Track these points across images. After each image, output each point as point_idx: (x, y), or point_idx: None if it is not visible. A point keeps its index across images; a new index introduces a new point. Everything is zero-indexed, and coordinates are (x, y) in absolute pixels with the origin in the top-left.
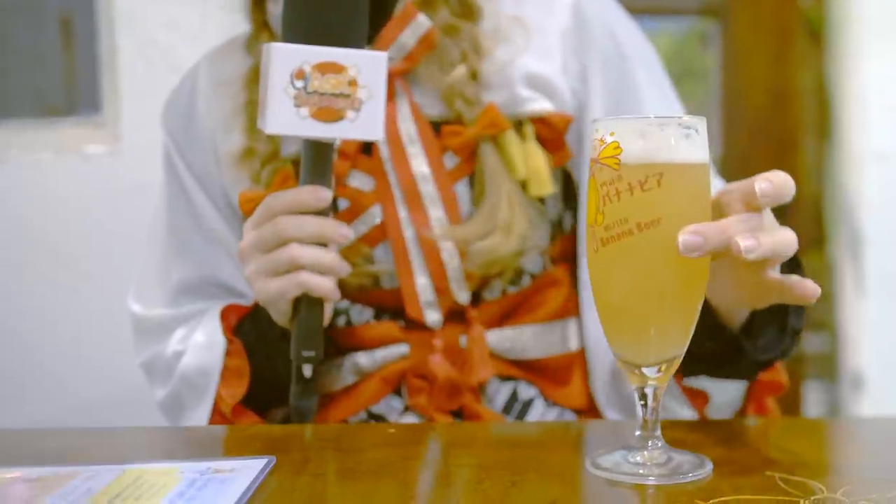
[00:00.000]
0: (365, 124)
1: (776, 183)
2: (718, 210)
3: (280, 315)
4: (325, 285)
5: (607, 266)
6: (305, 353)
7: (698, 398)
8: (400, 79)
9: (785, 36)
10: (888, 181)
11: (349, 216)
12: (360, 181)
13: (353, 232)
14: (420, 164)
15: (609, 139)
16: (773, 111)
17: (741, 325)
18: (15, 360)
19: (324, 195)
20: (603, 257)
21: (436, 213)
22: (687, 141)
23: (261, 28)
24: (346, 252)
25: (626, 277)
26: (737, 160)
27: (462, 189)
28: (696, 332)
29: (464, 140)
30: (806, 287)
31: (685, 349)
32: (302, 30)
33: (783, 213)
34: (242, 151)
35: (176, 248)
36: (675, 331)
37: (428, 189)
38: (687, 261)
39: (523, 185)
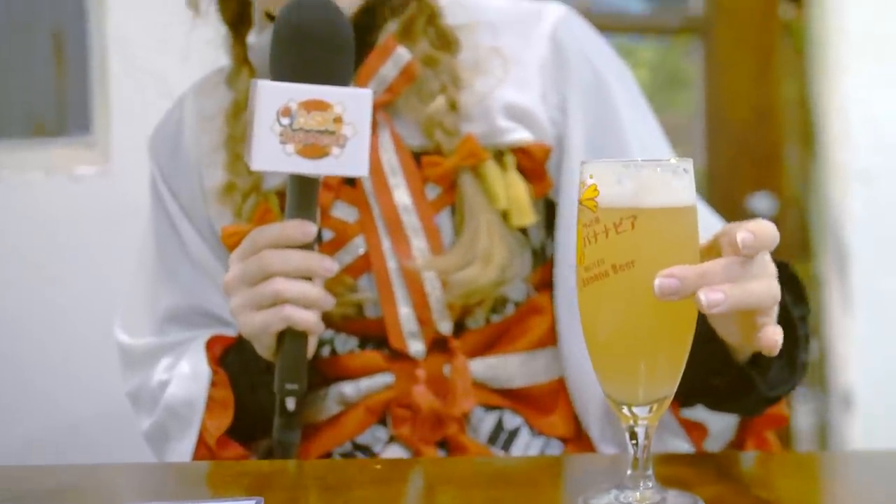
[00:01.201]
0: (350, 160)
1: (759, 234)
2: (716, 251)
3: (264, 348)
4: (309, 319)
5: (591, 305)
6: (289, 386)
7: (696, 431)
8: (381, 111)
9: (767, 50)
10: (872, 196)
11: (333, 247)
12: (343, 212)
13: (337, 265)
14: (402, 195)
15: (589, 181)
16: (757, 125)
17: (748, 359)
18: (4, 379)
19: (309, 230)
20: (586, 296)
21: (418, 243)
22: (667, 184)
23: (241, 63)
24: (330, 283)
25: (608, 317)
26: (721, 173)
27: (444, 220)
28: (703, 366)
29: (443, 170)
30: (767, 338)
31: (675, 388)
32: (289, 67)
33: None
34: (224, 186)
35: (163, 276)
36: (663, 370)
37: (410, 220)
38: (658, 303)
39: (504, 215)
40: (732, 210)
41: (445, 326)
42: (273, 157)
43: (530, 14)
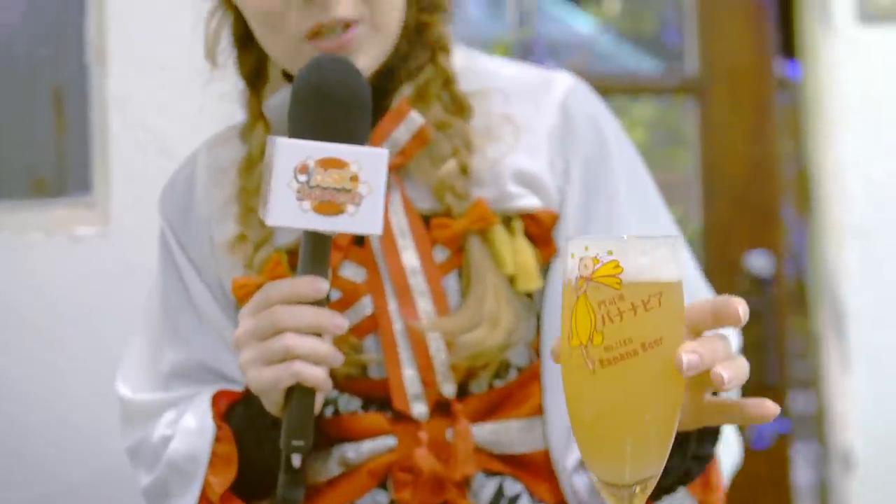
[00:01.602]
0: (365, 219)
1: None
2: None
3: (272, 404)
4: (318, 375)
5: (606, 387)
6: (295, 443)
7: None
8: (392, 173)
9: (763, 108)
10: (868, 253)
11: (341, 307)
12: (352, 272)
13: (347, 322)
14: (410, 257)
15: (606, 258)
16: (753, 182)
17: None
18: (1, 441)
19: (321, 286)
20: (602, 379)
21: (424, 305)
22: (675, 259)
23: (256, 118)
24: (336, 342)
25: (625, 398)
26: (718, 231)
27: (451, 282)
28: None
29: (452, 233)
30: (766, 407)
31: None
32: (307, 124)
33: (767, 288)
34: (235, 237)
35: (169, 331)
36: (657, 449)
37: (417, 282)
38: (676, 380)
39: (511, 280)
40: (730, 268)
41: (449, 389)
42: (289, 212)
43: (541, 82)
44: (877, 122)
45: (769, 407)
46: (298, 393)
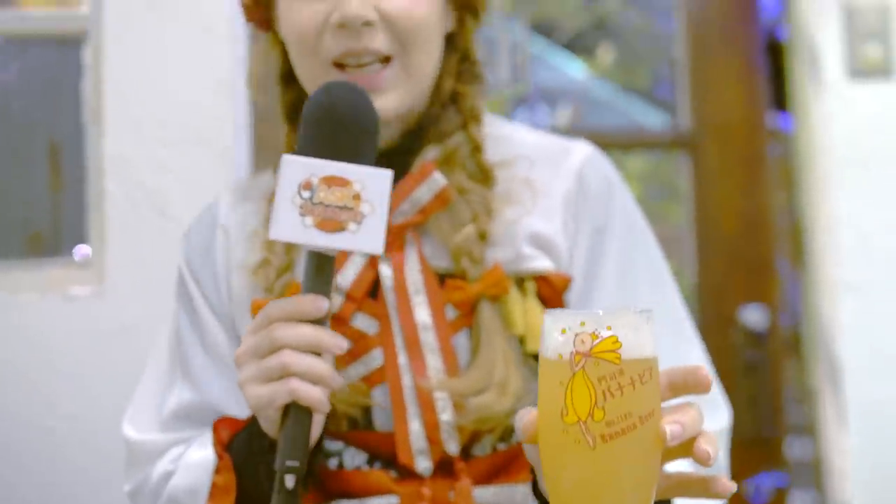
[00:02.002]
0: (366, 237)
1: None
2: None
3: (269, 423)
4: (315, 394)
5: (607, 462)
6: (289, 463)
7: None
8: (411, 230)
9: (756, 161)
10: (862, 309)
11: (351, 357)
12: (364, 324)
13: (348, 342)
14: (423, 314)
15: (605, 333)
16: (747, 236)
17: None
18: None
19: (321, 304)
20: (603, 454)
21: (434, 362)
22: (652, 332)
23: (293, 149)
24: (349, 391)
25: (624, 471)
26: (713, 285)
27: (461, 341)
28: None
29: (466, 296)
30: (724, 485)
31: None
32: (314, 143)
33: (762, 342)
34: (259, 262)
35: (179, 371)
36: None
37: (428, 339)
38: (660, 451)
39: (521, 340)
40: (724, 322)
41: (454, 447)
42: (292, 227)
43: (562, 149)
44: (868, 176)
45: (726, 485)
46: (295, 412)
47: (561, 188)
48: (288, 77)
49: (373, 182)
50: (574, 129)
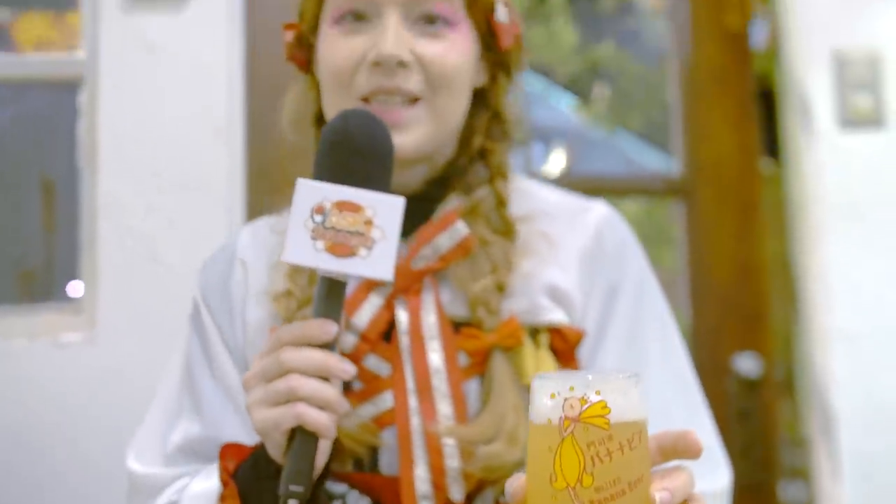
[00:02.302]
0: (375, 263)
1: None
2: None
3: (275, 447)
4: (321, 419)
5: None
6: (293, 488)
7: None
8: (430, 276)
9: (749, 208)
10: (855, 360)
11: (362, 397)
12: (376, 365)
13: (355, 368)
14: (436, 359)
15: (595, 398)
16: (741, 283)
17: None
18: None
19: (330, 329)
20: None
21: (444, 408)
22: (641, 396)
23: None
24: (358, 429)
25: None
26: (706, 333)
27: (472, 388)
28: None
29: (481, 346)
30: None
31: None
32: (329, 168)
33: (756, 389)
34: (282, 292)
35: (189, 402)
36: None
37: (440, 384)
38: None
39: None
40: (718, 370)
41: (458, 494)
42: (303, 251)
43: (580, 208)
44: (859, 225)
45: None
46: (300, 436)
47: (578, 244)
48: (322, 119)
49: (385, 209)
50: (567, 174)
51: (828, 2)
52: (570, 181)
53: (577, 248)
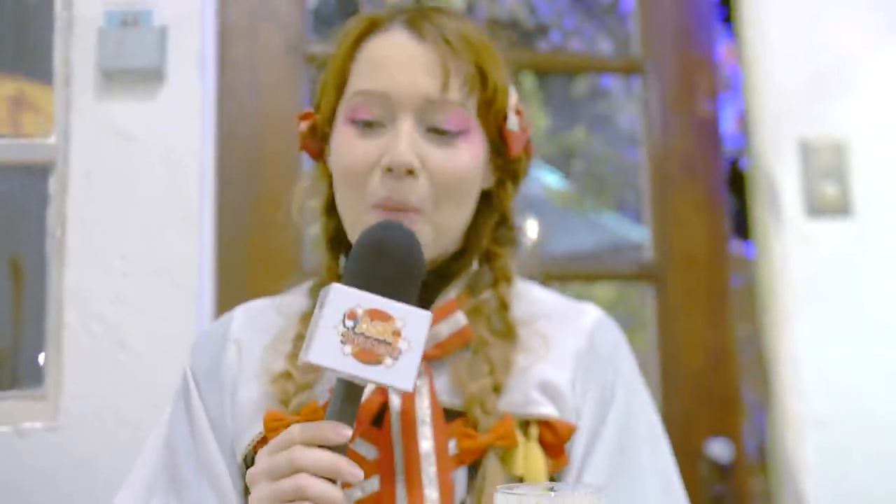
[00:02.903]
0: (399, 374)
1: None
2: None
3: None
4: None
5: None
6: None
7: None
8: (426, 363)
9: (720, 293)
10: (826, 446)
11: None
12: (364, 449)
13: (363, 473)
14: (426, 446)
15: None
16: (713, 369)
17: None
18: None
19: (345, 432)
20: None
21: (431, 494)
22: None
23: (332, 277)
24: None
25: None
26: (678, 418)
27: (460, 475)
28: None
29: (475, 446)
30: None
31: None
32: (363, 276)
33: (728, 474)
34: (281, 374)
35: (165, 478)
36: None
37: (429, 470)
38: None
39: (519, 481)
40: (690, 456)
41: None
42: (330, 353)
43: (576, 310)
44: (827, 312)
45: None
46: None
47: (573, 344)
48: (331, 207)
49: (414, 321)
50: (543, 242)
51: (794, 90)
52: (542, 261)
53: (571, 349)
